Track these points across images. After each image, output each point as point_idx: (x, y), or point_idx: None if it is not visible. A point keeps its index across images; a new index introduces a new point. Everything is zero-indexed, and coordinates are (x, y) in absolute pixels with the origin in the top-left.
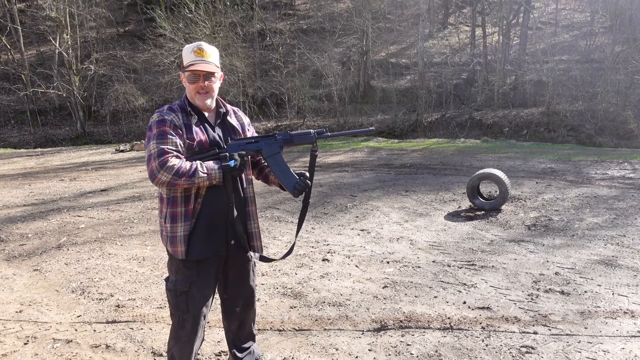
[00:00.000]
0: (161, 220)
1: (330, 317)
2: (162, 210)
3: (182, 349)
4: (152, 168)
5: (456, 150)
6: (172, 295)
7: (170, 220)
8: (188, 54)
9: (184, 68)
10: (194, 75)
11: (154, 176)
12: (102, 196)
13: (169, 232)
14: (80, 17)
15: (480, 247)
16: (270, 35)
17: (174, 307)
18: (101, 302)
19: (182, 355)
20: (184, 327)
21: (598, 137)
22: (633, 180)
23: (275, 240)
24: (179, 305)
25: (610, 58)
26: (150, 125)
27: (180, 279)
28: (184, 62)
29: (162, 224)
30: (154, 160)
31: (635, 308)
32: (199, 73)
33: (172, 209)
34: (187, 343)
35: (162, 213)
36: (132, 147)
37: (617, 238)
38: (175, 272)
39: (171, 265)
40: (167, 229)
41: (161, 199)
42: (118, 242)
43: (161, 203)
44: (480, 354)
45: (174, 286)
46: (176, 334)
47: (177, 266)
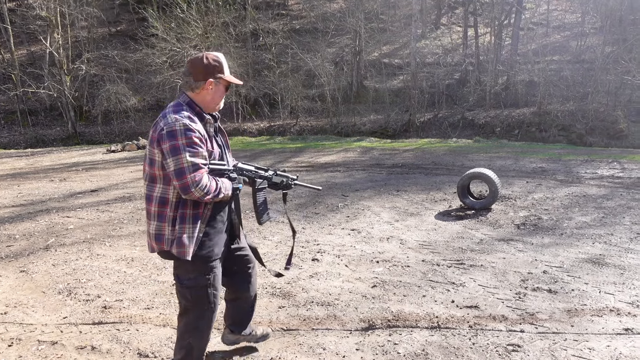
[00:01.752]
0: (163, 223)
1: (318, 316)
2: (165, 214)
3: (201, 338)
4: (188, 183)
5: (448, 150)
6: (193, 291)
7: (179, 222)
8: (225, 63)
9: (221, 75)
10: (229, 85)
11: (187, 190)
12: (92, 197)
13: (176, 233)
14: (72, 17)
15: (469, 246)
16: (263, 35)
17: (193, 302)
18: (88, 303)
19: (201, 343)
20: (204, 317)
21: (589, 136)
22: (622, 180)
23: (265, 240)
24: (200, 299)
25: (600, 58)
26: (175, 132)
27: (199, 275)
28: (225, 71)
29: (162, 227)
30: (189, 174)
31: (621, 306)
32: (236, 84)
33: (182, 211)
34: (206, 331)
35: (165, 217)
36: (124, 147)
37: (605, 237)
38: (192, 270)
39: (187, 265)
40: (175, 230)
41: (163, 202)
42: (107, 243)
43: (163, 206)
44: (467, 353)
45: (194, 283)
46: (196, 325)
47: (192, 264)
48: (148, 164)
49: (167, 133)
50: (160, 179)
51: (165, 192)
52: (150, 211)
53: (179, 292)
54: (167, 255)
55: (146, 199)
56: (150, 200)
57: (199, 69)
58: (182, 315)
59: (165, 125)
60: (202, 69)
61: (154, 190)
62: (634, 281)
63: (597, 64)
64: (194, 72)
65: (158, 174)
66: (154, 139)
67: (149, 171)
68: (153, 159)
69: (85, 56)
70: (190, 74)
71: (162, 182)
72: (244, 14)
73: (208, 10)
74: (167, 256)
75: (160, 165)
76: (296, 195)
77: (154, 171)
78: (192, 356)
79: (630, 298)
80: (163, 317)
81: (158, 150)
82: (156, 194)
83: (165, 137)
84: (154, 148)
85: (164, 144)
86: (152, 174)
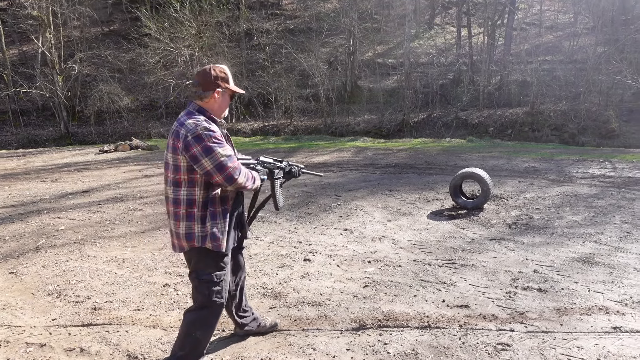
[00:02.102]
0: (193, 222)
1: (309, 317)
2: (194, 213)
3: (209, 331)
4: (231, 172)
5: (441, 149)
6: (210, 286)
7: (210, 219)
8: (230, 74)
9: (228, 86)
10: (234, 94)
11: (232, 179)
12: (84, 197)
13: (208, 230)
14: (64, 16)
15: (461, 246)
16: (257, 35)
17: (208, 297)
18: (77, 304)
19: (208, 336)
20: (216, 312)
21: (581, 136)
22: (613, 179)
23: (257, 241)
24: (216, 293)
25: (592, 59)
26: (200, 135)
27: (217, 270)
28: (230, 82)
29: (192, 226)
30: (230, 164)
31: (609, 304)
32: (240, 94)
33: (212, 209)
34: (214, 326)
35: (194, 216)
36: (117, 147)
37: (595, 236)
38: (213, 265)
39: (207, 261)
40: (206, 227)
41: (190, 204)
42: (98, 244)
43: (191, 207)
44: (456, 352)
45: (215, 278)
46: (207, 319)
47: (214, 259)
48: (172, 171)
49: (193, 138)
50: (185, 183)
51: (192, 194)
52: (178, 213)
53: (196, 288)
54: (195, 252)
55: (173, 202)
56: (178, 203)
57: (207, 80)
58: (196, 310)
59: (187, 132)
60: (210, 79)
61: (180, 193)
62: (622, 280)
63: (589, 64)
64: (203, 82)
65: (183, 179)
66: (177, 146)
67: (173, 177)
68: (178, 165)
69: (78, 56)
70: (199, 84)
71: (187, 185)
72: (238, 13)
73: (201, 10)
74: (194, 253)
75: (186, 169)
76: (289, 196)
77: (179, 176)
78: (197, 350)
79: (619, 296)
80: (153, 319)
81: (184, 156)
82: (182, 197)
83: (193, 142)
84: (179, 155)
85: (193, 149)
86: (176, 179)
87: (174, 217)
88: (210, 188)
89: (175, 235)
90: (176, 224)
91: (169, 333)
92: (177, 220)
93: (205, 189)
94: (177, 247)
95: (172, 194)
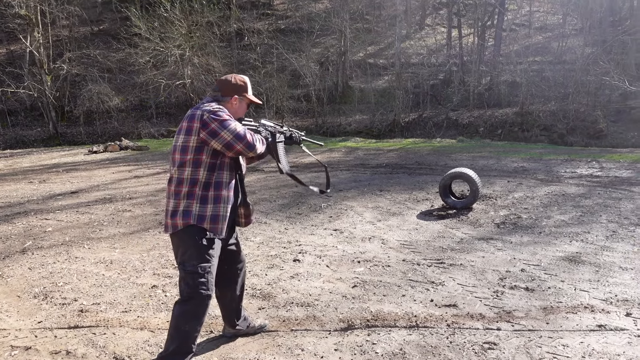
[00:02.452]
0: (192, 201)
1: (298, 317)
2: (195, 192)
3: (198, 324)
4: (249, 140)
5: (432, 150)
6: (195, 277)
7: (213, 202)
8: (249, 85)
9: (246, 94)
10: (250, 103)
11: (252, 146)
12: (72, 198)
13: (209, 212)
14: (52, 15)
15: (450, 246)
16: (248, 35)
17: (193, 288)
18: (64, 307)
19: (197, 329)
20: (203, 304)
21: (569, 136)
22: (600, 179)
23: (247, 242)
24: (201, 285)
25: (580, 59)
26: (215, 112)
27: (202, 262)
28: (248, 91)
29: (191, 204)
30: (247, 133)
31: (595, 303)
32: (257, 104)
33: (216, 192)
34: (202, 318)
35: (194, 195)
36: (106, 148)
37: (582, 235)
38: (199, 257)
39: (193, 251)
40: (207, 209)
41: (193, 183)
42: (86, 246)
43: (193, 186)
44: (444, 351)
45: (200, 269)
46: (196, 311)
47: (200, 250)
48: (180, 152)
49: (210, 115)
50: (190, 163)
51: (196, 174)
52: (180, 192)
53: (182, 279)
54: (183, 239)
55: (176, 182)
56: (181, 182)
57: (227, 87)
58: (183, 303)
59: (204, 111)
60: (230, 87)
61: (184, 173)
62: (608, 278)
63: (578, 65)
64: (222, 88)
65: (189, 159)
66: (192, 127)
67: (181, 158)
68: (187, 146)
69: (67, 55)
70: (219, 90)
71: (192, 166)
72: (229, 13)
73: (192, 9)
74: (182, 241)
75: (194, 150)
76: (280, 196)
77: (186, 156)
78: (187, 343)
79: (604, 295)
80: (141, 321)
81: (196, 137)
82: (186, 176)
83: (211, 119)
84: (191, 135)
85: (211, 124)
86: (183, 159)
87: (175, 196)
88: (214, 171)
89: (171, 214)
90: (176, 202)
91: (156, 335)
92: (177, 199)
93: (209, 170)
94: (170, 227)
95: (177, 174)
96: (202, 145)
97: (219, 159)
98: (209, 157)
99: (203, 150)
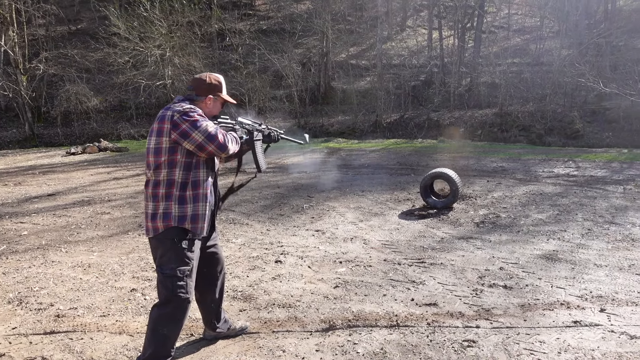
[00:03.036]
0: (170, 202)
1: (279, 319)
2: (172, 193)
3: (176, 328)
4: (221, 140)
5: (413, 150)
6: (174, 280)
7: (191, 201)
8: (224, 84)
9: (221, 94)
10: (225, 102)
11: (224, 147)
12: (49, 201)
13: (188, 212)
14: (28, 14)
15: (430, 245)
16: (230, 35)
17: (172, 292)
18: (40, 312)
19: (175, 333)
20: (182, 307)
21: (547, 136)
22: (576, 178)
23: (229, 243)
24: (179, 288)
25: (557, 61)
26: (186, 112)
27: (181, 265)
28: (223, 91)
29: (170, 206)
30: (218, 134)
31: (571, 299)
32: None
33: (194, 192)
34: (181, 322)
35: (172, 196)
36: (84, 149)
37: (559, 233)
38: (178, 260)
39: (171, 255)
40: (186, 209)
41: (170, 184)
42: (63, 249)
43: (170, 187)
44: (424, 350)
45: (178, 272)
46: (174, 314)
47: (179, 254)
48: (153, 155)
49: (180, 116)
50: (165, 165)
51: (172, 175)
52: (157, 194)
53: (160, 282)
54: (162, 242)
55: (153, 184)
56: (158, 184)
57: (201, 86)
58: (161, 306)
59: (174, 112)
60: (205, 86)
61: (160, 175)
62: (583, 275)
63: (555, 66)
64: (197, 88)
65: (164, 160)
66: (163, 129)
67: (154, 160)
68: (160, 148)
69: (43, 55)
70: (193, 89)
71: (167, 167)
72: (210, 13)
73: (172, 9)
74: (162, 243)
75: (168, 150)
76: (262, 197)
77: (160, 158)
78: (166, 347)
79: (580, 292)
80: (119, 325)
81: (168, 138)
82: (162, 178)
83: (181, 119)
84: (163, 137)
85: (182, 125)
86: (157, 162)
87: (153, 198)
88: (190, 171)
89: (151, 217)
90: (155, 204)
91: (135, 339)
92: (156, 201)
93: (185, 170)
94: (150, 230)
95: (153, 176)
96: (176, 146)
97: (194, 158)
98: (184, 157)
99: (177, 151)
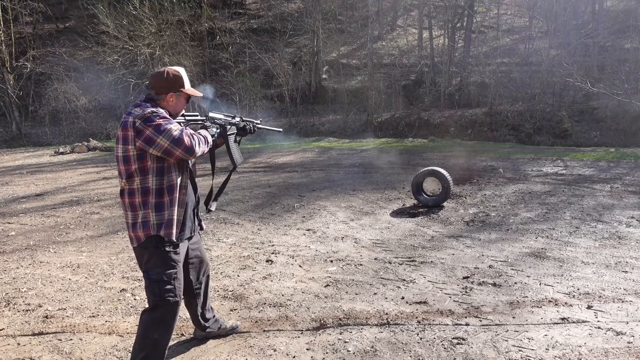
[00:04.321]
0: (147, 210)
1: (270, 318)
2: (149, 201)
3: (167, 332)
4: (188, 144)
5: (404, 149)
6: (161, 285)
7: (168, 207)
8: (185, 77)
9: (183, 89)
10: (190, 96)
11: (192, 150)
12: (37, 201)
13: (165, 218)
14: (14, 12)
15: (421, 244)
16: (220, 34)
17: (160, 297)
18: (28, 313)
19: (166, 338)
20: (171, 311)
21: (536, 136)
22: (564, 177)
23: (219, 243)
24: (167, 292)
25: (546, 61)
26: (148, 117)
27: (167, 269)
28: (185, 85)
29: (148, 214)
30: (184, 137)
31: (558, 297)
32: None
33: (170, 197)
34: (172, 326)
35: (149, 204)
36: (73, 149)
37: (547, 231)
38: (163, 264)
39: (156, 260)
40: (164, 215)
41: (145, 192)
42: (51, 249)
43: (146, 195)
44: (414, 348)
45: (165, 277)
46: (163, 319)
47: (164, 258)
48: (123, 163)
49: (142, 122)
50: (137, 173)
51: (145, 182)
52: (134, 203)
53: (147, 288)
54: (146, 249)
55: (128, 194)
56: (133, 193)
57: (160, 83)
58: (150, 311)
59: (135, 118)
60: (163, 83)
61: (134, 183)
62: (571, 272)
63: (544, 66)
64: (156, 86)
65: (135, 169)
66: (127, 136)
67: (125, 169)
68: (127, 156)
69: (30, 53)
70: (153, 87)
71: (140, 175)
72: (200, 12)
73: (162, 7)
74: (145, 250)
75: (136, 158)
76: (253, 196)
77: (130, 167)
78: (157, 352)
79: (567, 289)
80: (109, 325)
81: (134, 146)
82: (137, 186)
83: (143, 125)
84: (129, 145)
85: (145, 131)
86: (129, 170)
87: (131, 208)
88: (163, 176)
89: (132, 226)
90: (134, 214)
91: (125, 339)
92: (134, 211)
93: (158, 176)
94: (134, 240)
95: (127, 185)
96: (144, 152)
97: (165, 162)
98: (155, 162)
99: (146, 157)
